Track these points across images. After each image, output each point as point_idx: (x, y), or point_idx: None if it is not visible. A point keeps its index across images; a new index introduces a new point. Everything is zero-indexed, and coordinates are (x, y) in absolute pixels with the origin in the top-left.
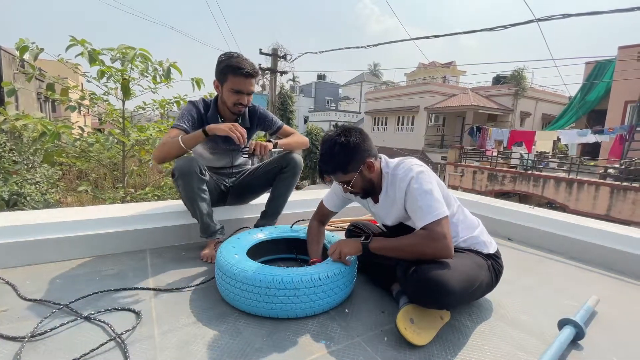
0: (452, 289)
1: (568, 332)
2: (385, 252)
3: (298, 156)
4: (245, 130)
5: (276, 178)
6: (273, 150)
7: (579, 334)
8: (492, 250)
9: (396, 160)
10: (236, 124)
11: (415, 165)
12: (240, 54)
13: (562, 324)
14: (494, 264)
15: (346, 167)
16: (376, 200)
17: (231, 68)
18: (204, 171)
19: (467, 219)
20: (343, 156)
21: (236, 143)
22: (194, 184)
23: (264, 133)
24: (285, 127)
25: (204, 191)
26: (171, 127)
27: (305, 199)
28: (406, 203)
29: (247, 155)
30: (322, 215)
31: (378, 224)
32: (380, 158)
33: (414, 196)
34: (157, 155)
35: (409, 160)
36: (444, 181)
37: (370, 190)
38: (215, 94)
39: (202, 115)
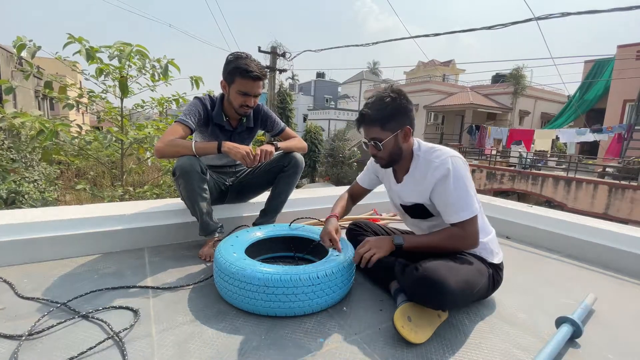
0: (450, 289)
1: (565, 330)
2: (418, 249)
3: (299, 155)
4: (257, 155)
5: (277, 177)
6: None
7: (577, 332)
8: (496, 261)
9: (429, 144)
10: (251, 151)
11: (452, 156)
12: (248, 54)
13: (559, 322)
14: (495, 274)
15: (387, 122)
16: (399, 180)
17: (239, 70)
18: (205, 170)
19: (484, 223)
20: (390, 110)
21: (243, 165)
22: (194, 182)
23: (262, 132)
24: (288, 129)
25: (204, 190)
26: (175, 121)
27: (304, 197)
28: (435, 192)
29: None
30: (353, 192)
31: (379, 223)
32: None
33: (450, 189)
34: (162, 150)
35: (445, 149)
36: None
37: (396, 160)
38: (214, 90)
39: (209, 112)
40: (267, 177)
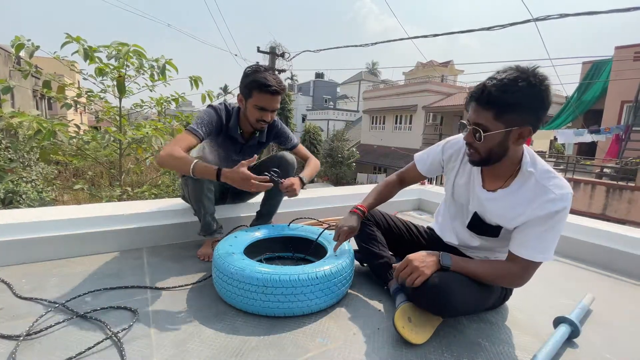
0: (454, 301)
1: (563, 330)
2: (465, 274)
3: (290, 155)
4: (263, 185)
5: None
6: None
7: (574, 332)
8: None
9: (547, 166)
10: (255, 182)
11: (571, 193)
12: (267, 67)
13: (557, 322)
14: (507, 293)
15: (506, 111)
16: (489, 188)
17: (257, 84)
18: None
19: None
20: (518, 97)
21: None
22: (204, 183)
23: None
24: (300, 146)
25: (211, 191)
26: (186, 129)
27: (303, 197)
28: (531, 222)
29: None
30: (405, 176)
31: (402, 217)
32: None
33: (547, 227)
34: (163, 160)
35: (563, 179)
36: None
37: (492, 161)
38: (213, 90)
39: (223, 125)
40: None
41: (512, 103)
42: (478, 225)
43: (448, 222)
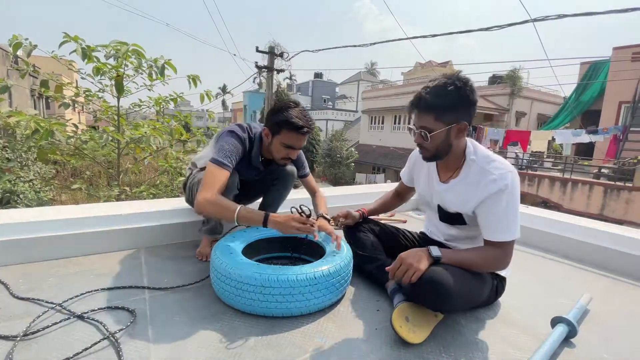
0: (452, 295)
1: (561, 330)
2: (454, 264)
3: (289, 168)
4: (308, 228)
5: (268, 188)
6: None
7: (572, 332)
8: (503, 274)
9: (486, 152)
10: (302, 225)
11: (512, 172)
12: (297, 103)
13: (555, 322)
14: (499, 285)
15: (443, 113)
16: (444, 180)
17: (288, 124)
18: (239, 186)
19: None
20: (450, 100)
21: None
22: (230, 196)
23: None
24: (310, 177)
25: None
26: (216, 164)
27: (302, 197)
28: (484, 205)
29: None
30: (399, 189)
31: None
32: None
33: (501, 207)
34: (205, 209)
35: (504, 161)
36: None
37: (442, 156)
38: (211, 90)
39: (246, 154)
40: (260, 186)
41: (446, 105)
42: (445, 216)
43: (430, 220)
